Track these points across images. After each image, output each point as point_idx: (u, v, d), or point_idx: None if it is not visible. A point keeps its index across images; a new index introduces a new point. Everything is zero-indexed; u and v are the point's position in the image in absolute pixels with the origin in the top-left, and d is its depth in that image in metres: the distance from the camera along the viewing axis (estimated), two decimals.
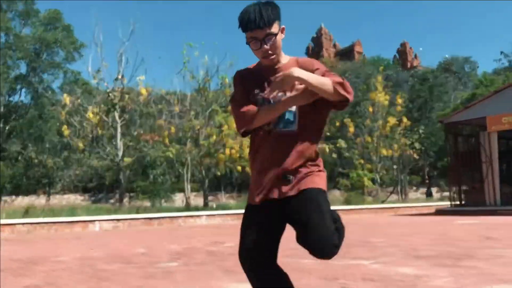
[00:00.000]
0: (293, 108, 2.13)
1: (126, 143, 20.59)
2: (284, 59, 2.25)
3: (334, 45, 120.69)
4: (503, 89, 18.10)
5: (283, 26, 2.19)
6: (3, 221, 13.44)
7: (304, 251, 2.07)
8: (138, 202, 24.44)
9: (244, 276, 2.07)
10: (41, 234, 13.23)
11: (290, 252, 6.19)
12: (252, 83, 2.20)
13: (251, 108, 2.12)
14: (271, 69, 2.20)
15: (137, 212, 17.41)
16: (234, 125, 15.24)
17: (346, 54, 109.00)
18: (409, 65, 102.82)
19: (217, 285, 4.15)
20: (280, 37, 2.17)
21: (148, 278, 4.69)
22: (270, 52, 2.13)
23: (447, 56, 66.71)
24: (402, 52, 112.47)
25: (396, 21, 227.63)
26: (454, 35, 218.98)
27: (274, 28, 2.11)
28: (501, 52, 52.65)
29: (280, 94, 2.11)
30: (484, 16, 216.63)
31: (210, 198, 28.46)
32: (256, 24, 2.06)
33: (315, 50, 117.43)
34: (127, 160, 20.18)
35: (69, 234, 13.01)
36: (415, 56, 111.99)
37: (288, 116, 2.12)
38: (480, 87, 35.52)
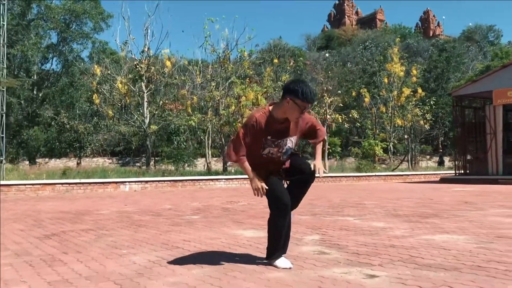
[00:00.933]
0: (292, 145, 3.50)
1: (152, 112, 22.03)
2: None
3: (357, 13, 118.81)
4: (510, 64, 18.73)
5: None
6: (45, 181, 15.16)
7: (302, 211, 3.41)
8: (163, 166, 25.97)
9: (247, 225, 3.36)
10: (78, 193, 14.90)
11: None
12: (266, 128, 3.35)
13: (241, 154, 3.38)
14: (281, 121, 3.40)
15: (163, 175, 18.91)
16: (251, 96, 16.49)
17: (368, 21, 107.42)
18: (431, 33, 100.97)
19: (228, 231, 5.52)
20: None
21: (175, 225, 6.11)
22: (302, 116, 3.41)
23: (470, 24, 65.77)
24: (424, 20, 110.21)
25: None
26: (479, 3, 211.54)
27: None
28: None
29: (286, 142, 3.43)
30: None
31: (229, 163, 29.96)
32: (311, 100, 3.29)
33: (337, 18, 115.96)
34: (153, 127, 21.68)
35: (102, 193, 14.64)
36: (438, 24, 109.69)
37: (289, 151, 3.53)
38: (495, 59, 35.69)
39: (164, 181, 17.22)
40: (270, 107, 3.44)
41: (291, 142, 3.48)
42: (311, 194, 12.54)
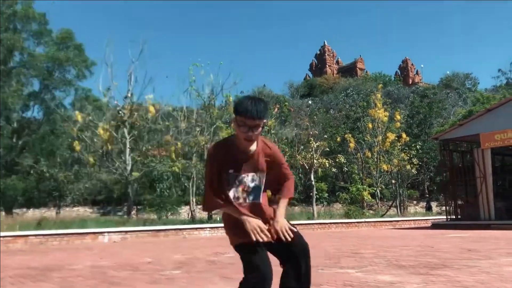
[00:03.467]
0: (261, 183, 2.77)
1: (134, 158, 21.38)
2: (255, 144, 2.69)
3: (337, 62, 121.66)
4: (496, 107, 18.75)
5: (265, 121, 2.64)
6: (17, 233, 14.18)
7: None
8: (145, 214, 25.05)
9: (237, 281, 2.63)
10: (53, 245, 13.94)
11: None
12: (226, 159, 2.63)
13: (216, 196, 2.65)
14: (244, 151, 2.67)
15: (144, 225, 18.04)
16: None
17: (349, 70, 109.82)
18: (410, 81, 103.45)
19: None
20: (261, 129, 2.62)
21: (153, 284, 5.39)
22: (253, 138, 2.59)
23: (448, 72, 67.45)
24: (403, 68, 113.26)
25: (398, 38, 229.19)
26: (456, 53, 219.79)
27: (262, 121, 2.57)
28: (499, 70, 53.52)
29: (251, 178, 2.69)
30: (484, 34, 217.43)
31: (215, 211, 29.10)
32: (253, 114, 2.51)
33: (318, 67, 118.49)
34: (135, 174, 20.96)
35: (79, 245, 13.71)
36: (417, 73, 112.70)
37: (257, 193, 2.78)
38: (477, 104, 36.26)
39: (145, 231, 16.34)
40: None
41: (258, 179, 2.72)
42: None
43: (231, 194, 2.67)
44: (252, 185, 2.70)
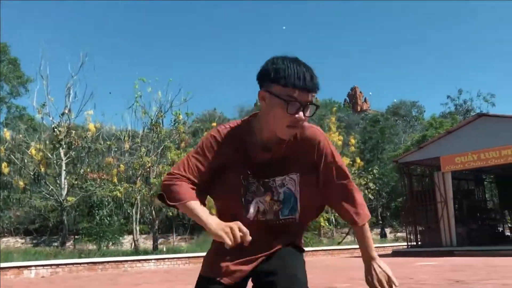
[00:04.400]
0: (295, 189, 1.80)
1: (71, 182, 19.26)
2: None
3: None
4: (456, 129, 18.39)
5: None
6: None
7: None
8: (84, 245, 22.79)
9: None
10: None
11: None
12: (239, 156, 1.75)
13: (189, 191, 1.71)
14: (266, 144, 1.74)
15: (80, 256, 16.03)
16: None
17: None
18: (359, 108, 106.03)
19: None
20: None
21: None
22: (301, 124, 1.68)
23: (395, 100, 69.06)
24: (352, 96, 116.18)
25: (347, 65, 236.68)
26: (403, 80, 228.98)
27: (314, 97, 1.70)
28: (448, 96, 55.14)
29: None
30: (432, 62, 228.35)
31: (160, 240, 27.10)
32: (308, 84, 1.64)
33: None
34: (71, 199, 18.81)
35: None
36: (365, 100, 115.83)
37: (292, 204, 1.80)
38: (430, 129, 36.65)
39: (80, 263, 14.36)
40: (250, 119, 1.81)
41: (292, 182, 1.76)
42: None
43: (252, 209, 1.75)
44: (283, 192, 1.76)
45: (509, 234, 23.07)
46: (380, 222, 38.29)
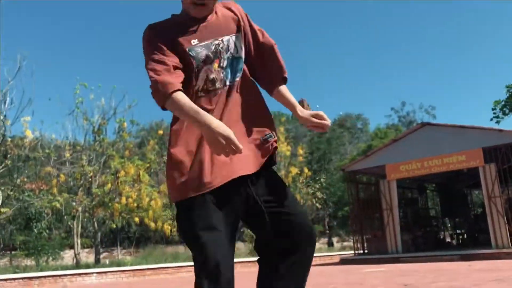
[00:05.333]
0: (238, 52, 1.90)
1: (6, 192, 18.06)
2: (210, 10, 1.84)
3: None
4: (401, 138, 18.85)
5: None
6: None
7: None
8: (21, 260, 21.45)
9: None
10: None
11: None
12: (175, 33, 1.76)
13: (174, 78, 1.66)
14: (199, 20, 1.80)
15: (15, 272, 14.96)
16: (132, 171, 13.84)
17: None
18: None
19: None
20: None
21: None
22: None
23: (341, 113, 70.70)
24: None
25: (293, 79, 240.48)
26: (349, 92, 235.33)
27: None
28: (392, 108, 57.17)
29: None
30: (376, 74, 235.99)
31: (104, 254, 26.04)
32: None
33: None
34: (5, 210, 17.57)
35: None
36: None
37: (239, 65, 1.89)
38: (375, 139, 37.68)
39: (14, 279, 13.39)
40: None
41: (235, 44, 1.84)
42: None
43: (199, 83, 1.76)
44: (228, 55, 1.80)
45: (449, 240, 23.89)
46: (327, 231, 38.74)
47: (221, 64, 1.78)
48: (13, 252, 25.61)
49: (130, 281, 14.69)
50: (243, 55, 1.85)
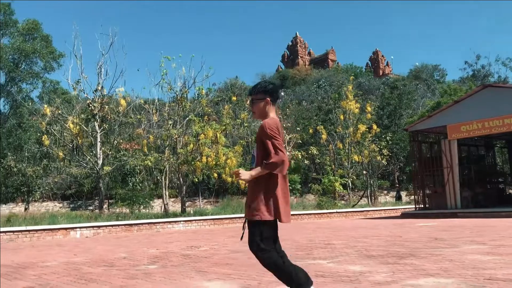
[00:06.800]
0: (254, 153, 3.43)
1: (105, 152, 21.10)
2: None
3: (309, 53, 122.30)
4: (462, 100, 19.30)
5: (267, 98, 3.39)
6: None
7: None
8: (117, 209, 24.78)
9: (212, 275, 2.84)
10: (24, 241, 13.72)
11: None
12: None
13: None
14: None
15: (117, 219, 17.87)
16: (210, 134, 16.16)
17: (321, 62, 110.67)
18: (381, 72, 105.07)
19: (191, 283, 4.90)
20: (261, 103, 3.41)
21: (130, 279, 5.42)
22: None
23: (417, 64, 68.72)
24: (374, 60, 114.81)
25: (369, 29, 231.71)
26: (425, 44, 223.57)
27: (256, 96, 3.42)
28: (465, 62, 55.06)
29: None
30: (452, 26, 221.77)
31: (188, 204, 29.00)
32: (249, 92, 3.52)
33: (290, 58, 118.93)
34: (107, 168, 20.67)
35: (51, 241, 13.53)
36: (387, 64, 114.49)
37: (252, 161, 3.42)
38: (444, 96, 37.18)
39: (118, 225, 16.21)
40: None
41: (254, 149, 3.43)
42: None
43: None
44: (252, 153, 3.45)
45: None
46: (397, 185, 39.48)
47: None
48: (110, 201, 29.33)
49: (211, 228, 17.10)
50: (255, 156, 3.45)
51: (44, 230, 14.61)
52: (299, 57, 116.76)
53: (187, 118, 20.51)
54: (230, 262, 6.45)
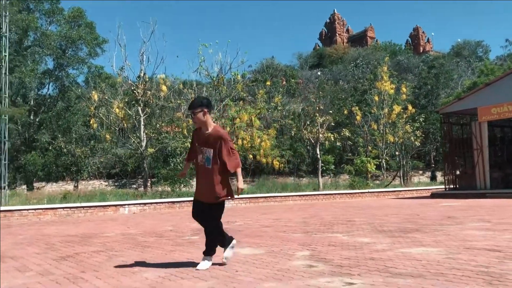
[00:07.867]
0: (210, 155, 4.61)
1: (148, 135, 22.59)
2: (210, 128, 4.62)
3: (347, 30, 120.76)
4: (494, 82, 19.54)
5: (205, 110, 4.54)
6: (47, 206, 15.58)
7: (295, 229, 3.98)
8: (160, 187, 26.36)
9: (244, 243, 3.91)
10: (79, 216, 15.34)
11: (286, 228, 8.22)
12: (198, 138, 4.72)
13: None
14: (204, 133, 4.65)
15: (160, 197, 19.34)
16: (245, 118, 17.51)
17: (359, 39, 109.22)
18: (421, 49, 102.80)
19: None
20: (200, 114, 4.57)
21: (178, 245, 6.63)
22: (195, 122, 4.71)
23: (459, 40, 67.09)
24: (414, 36, 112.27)
25: (409, 5, 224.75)
26: (467, 19, 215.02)
27: (196, 110, 4.58)
28: (506, 40, 53.61)
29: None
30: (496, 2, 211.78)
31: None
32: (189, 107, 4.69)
33: (328, 36, 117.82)
34: (151, 150, 22.17)
35: (103, 216, 15.07)
36: (428, 41, 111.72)
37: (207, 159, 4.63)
38: (481, 76, 36.75)
39: (162, 202, 17.66)
40: None
41: (209, 151, 4.53)
42: (306, 212, 13.07)
43: (199, 158, 4.66)
44: (206, 155, 4.58)
45: None
46: (432, 165, 39.62)
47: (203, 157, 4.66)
48: (152, 180, 31.04)
49: (247, 207, 18.30)
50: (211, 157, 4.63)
51: (96, 206, 16.17)
52: (337, 34, 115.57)
53: (223, 103, 21.66)
54: (260, 234, 7.55)
